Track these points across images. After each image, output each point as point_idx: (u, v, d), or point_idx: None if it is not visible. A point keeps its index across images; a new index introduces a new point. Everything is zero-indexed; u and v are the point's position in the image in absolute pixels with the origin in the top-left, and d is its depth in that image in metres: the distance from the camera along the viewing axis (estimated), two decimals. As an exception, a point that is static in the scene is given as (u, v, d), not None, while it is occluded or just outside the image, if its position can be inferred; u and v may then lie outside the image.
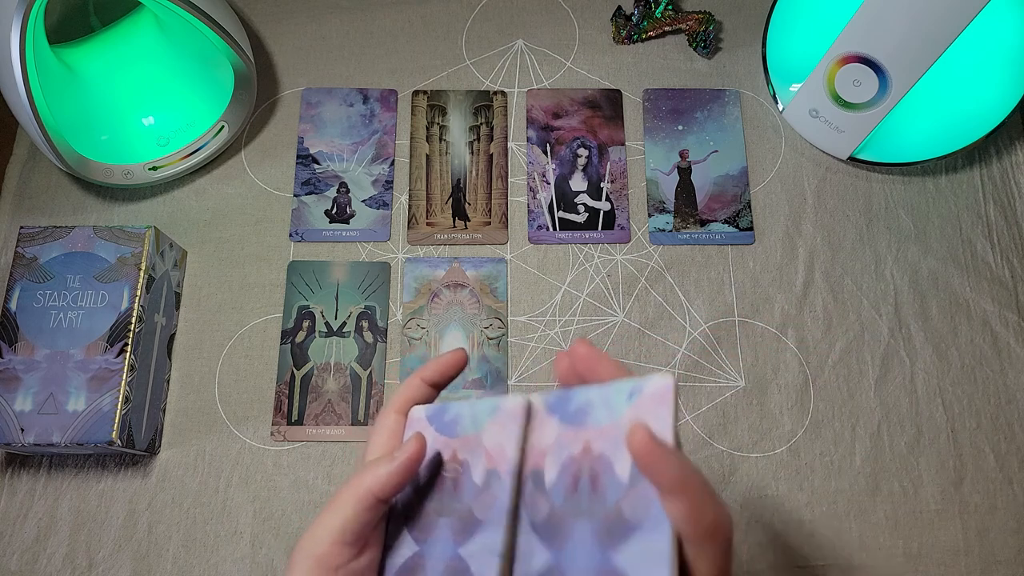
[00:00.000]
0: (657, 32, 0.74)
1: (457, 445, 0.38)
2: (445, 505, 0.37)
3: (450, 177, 0.70)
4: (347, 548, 0.35)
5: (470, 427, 0.38)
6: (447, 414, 0.39)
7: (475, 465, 0.37)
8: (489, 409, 0.37)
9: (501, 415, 0.37)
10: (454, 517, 0.36)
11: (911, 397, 0.63)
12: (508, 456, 0.36)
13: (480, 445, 0.37)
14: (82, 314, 0.57)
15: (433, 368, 0.41)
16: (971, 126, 0.65)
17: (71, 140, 0.61)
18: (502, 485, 0.35)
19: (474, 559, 0.35)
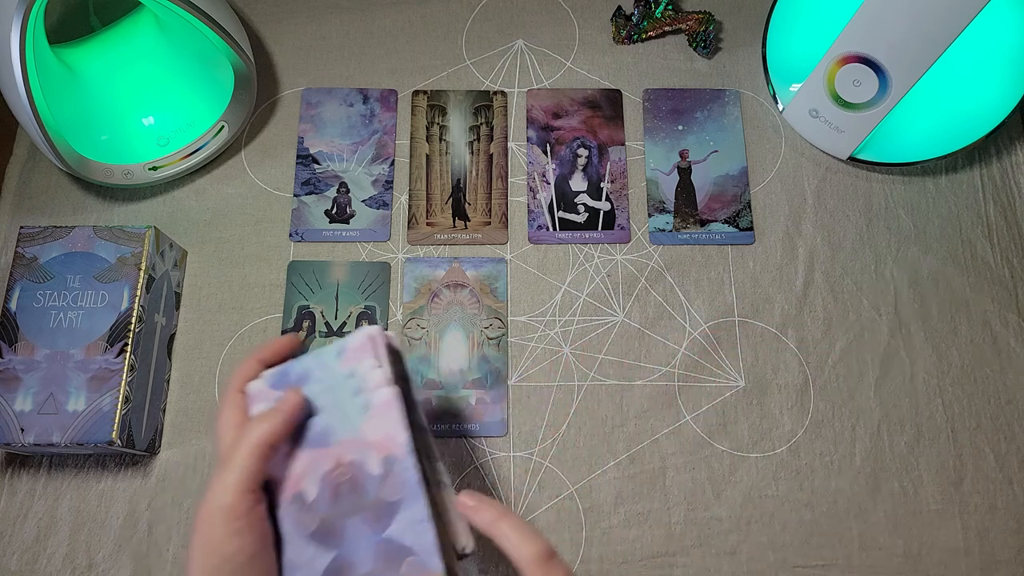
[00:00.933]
0: (657, 32, 0.74)
1: (338, 451, 0.42)
2: (348, 507, 0.41)
3: (450, 177, 0.70)
4: (250, 496, 0.39)
5: (343, 430, 0.42)
6: (291, 374, 0.44)
7: (367, 460, 0.41)
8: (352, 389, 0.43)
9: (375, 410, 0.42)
10: (364, 512, 0.41)
11: (911, 397, 0.63)
12: (399, 440, 0.41)
13: (365, 442, 0.42)
14: (82, 314, 0.57)
15: (269, 349, 0.47)
16: (971, 126, 0.65)
17: (71, 140, 0.61)
18: (404, 465, 0.41)
19: (405, 535, 0.40)
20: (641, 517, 0.59)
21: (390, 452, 0.41)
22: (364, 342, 0.43)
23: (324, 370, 0.44)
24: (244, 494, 0.39)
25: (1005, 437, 0.62)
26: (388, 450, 0.41)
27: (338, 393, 0.43)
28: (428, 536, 0.39)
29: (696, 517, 0.59)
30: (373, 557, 0.40)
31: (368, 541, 0.40)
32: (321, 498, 0.41)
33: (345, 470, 0.41)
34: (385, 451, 0.41)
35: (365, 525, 0.40)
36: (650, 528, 0.59)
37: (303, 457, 0.42)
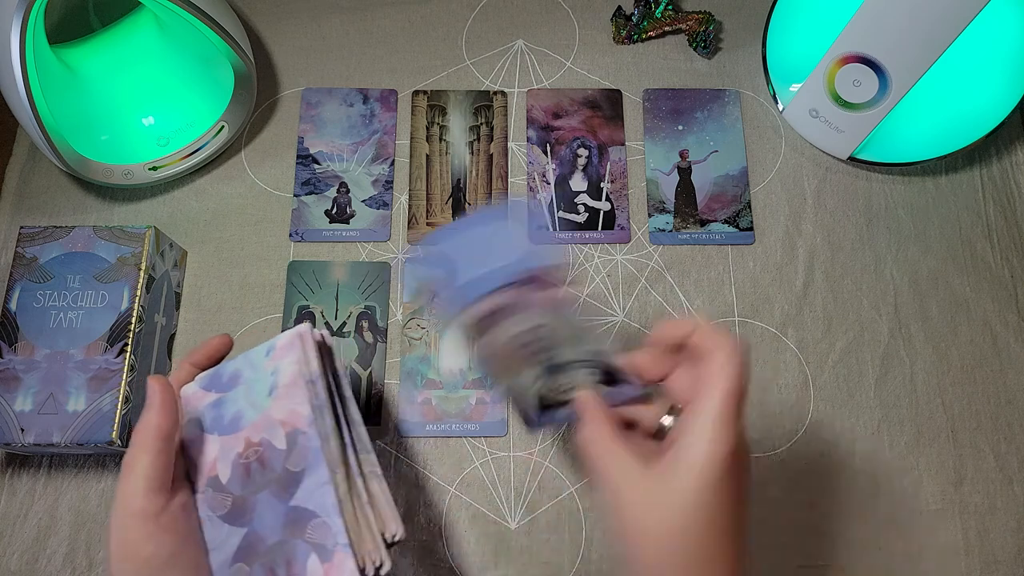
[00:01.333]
0: (657, 32, 0.74)
1: (248, 433, 0.43)
2: (258, 484, 0.42)
3: (450, 177, 0.70)
4: (157, 495, 0.39)
5: (252, 413, 0.44)
6: (223, 375, 0.46)
7: (275, 437, 0.43)
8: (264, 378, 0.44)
9: (281, 390, 0.43)
10: (272, 485, 0.42)
11: (911, 397, 0.63)
12: (303, 414, 0.43)
13: (272, 420, 0.43)
14: (82, 314, 0.57)
15: (201, 352, 0.48)
16: (971, 126, 0.65)
17: (71, 140, 0.61)
18: (308, 436, 0.42)
19: (309, 499, 0.41)
20: (641, 517, 0.59)
21: (295, 426, 0.42)
22: (292, 340, 0.45)
23: (253, 369, 0.45)
24: (149, 495, 0.39)
25: (1005, 437, 0.62)
26: (293, 425, 0.43)
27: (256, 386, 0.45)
28: (329, 497, 0.41)
29: (696, 517, 0.59)
30: (281, 526, 0.41)
31: (276, 512, 0.41)
32: (233, 479, 0.42)
33: (255, 449, 0.43)
34: (290, 426, 0.43)
35: (273, 498, 0.42)
36: (650, 528, 0.59)
37: (217, 444, 0.44)
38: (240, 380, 0.45)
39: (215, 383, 0.46)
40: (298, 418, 0.43)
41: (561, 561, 0.58)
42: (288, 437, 0.43)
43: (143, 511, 0.38)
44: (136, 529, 0.38)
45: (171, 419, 0.41)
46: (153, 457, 0.39)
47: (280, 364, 0.44)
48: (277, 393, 0.44)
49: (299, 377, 0.43)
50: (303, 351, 0.44)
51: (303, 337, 0.45)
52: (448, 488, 0.60)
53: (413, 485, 0.60)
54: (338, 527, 0.40)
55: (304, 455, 0.42)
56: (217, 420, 0.44)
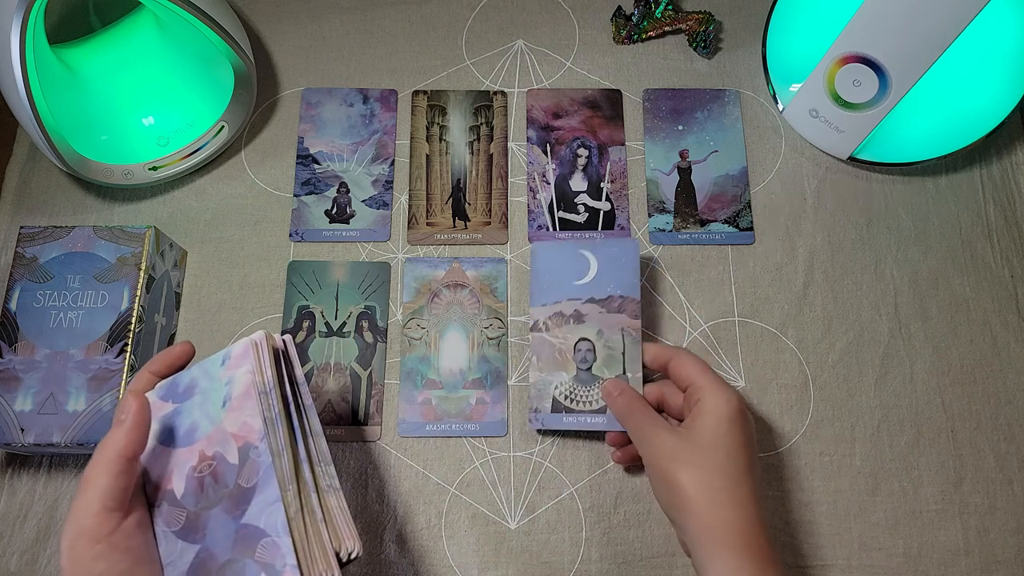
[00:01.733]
0: (657, 32, 0.74)
1: (202, 446, 0.43)
2: (211, 499, 0.42)
3: (450, 177, 0.70)
4: (112, 515, 0.38)
5: (206, 425, 0.43)
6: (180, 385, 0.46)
7: (228, 451, 0.42)
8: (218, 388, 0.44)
9: (235, 401, 0.43)
10: (224, 501, 0.41)
11: (911, 397, 0.63)
12: (255, 427, 0.42)
13: (225, 433, 0.42)
14: (82, 314, 0.57)
15: (161, 361, 0.47)
16: (971, 126, 0.65)
17: (71, 140, 0.61)
18: (259, 450, 0.41)
19: (260, 517, 0.40)
20: (641, 517, 0.59)
21: (247, 440, 0.42)
22: (247, 348, 0.44)
23: (208, 379, 0.44)
24: (103, 514, 0.38)
25: (1005, 437, 0.62)
26: (245, 438, 0.42)
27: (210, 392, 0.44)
28: (279, 516, 0.40)
29: (696, 517, 0.59)
30: (232, 544, 0.40)
31: (227, 529, 0.41)
32: (187, 494, 0.42)
33: (208, 463, 0.42)
34: (242, 440, 0.42)
35: (225, 514, 0.41)
36: (650, 528, 0.59)
37: (172, 457, 0.43)
38: (196, 390, 0.44)
39: (172, 393, 0.45)
40: (250, 431, 0.42)
41: (561, 561, 0.58)
42: (240, 451, 0.42)
43: (96, 530, 0.38)
44: (88, 548, 0.37)
45: (140, 440, 0.41)
46: (113, 478, 0.39)
47: (235, 374, 0.43)
48: (231, 404, 0.43)
49: (252, 388, 0.42)
50: (257, 360, 0.43)
51: (258, 346, 0.44)
52: (448, 488, 0.60)
53: (413, 485, 0.60)
54: (287, 547, 0.39)
55: (256, 470, 0.41)
56: (173, 432, 0.44)
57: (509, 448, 0.61)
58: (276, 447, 0.41)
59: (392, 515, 0.59)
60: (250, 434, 0.42)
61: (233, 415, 0.42)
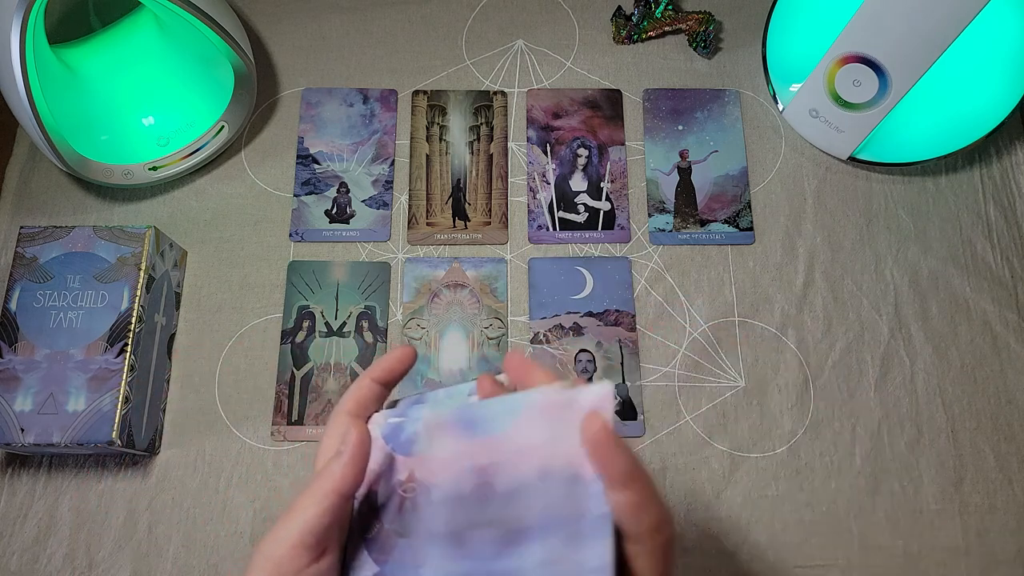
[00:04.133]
0: (657, 32, 0.74)
1: (414, 464, 0.37)
2: (405, 526, 0.36)
3: (450, 177, 0.70)
4: (307, 552, 0.35)
5: (425, 447, 0.37)
6: (403, 433, 0.38)
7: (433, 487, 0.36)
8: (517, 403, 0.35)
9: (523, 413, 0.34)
10: (413, 538, 0.36)
11: (911, 397, 0.63)
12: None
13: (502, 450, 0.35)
14: (82, 314, 0.57)
15: (382, 367, 0.41)
16: (971, 126, 0.65)
17: (71, 140, 0.61)
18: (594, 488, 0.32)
19: None
20: (641, 517, 0.59)
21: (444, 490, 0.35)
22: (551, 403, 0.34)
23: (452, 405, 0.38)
24: (300, 549, 0.35)
25: (1005, 437, 0.62)
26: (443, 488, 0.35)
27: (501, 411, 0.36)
28: None
29: (696, 517, 0.59)
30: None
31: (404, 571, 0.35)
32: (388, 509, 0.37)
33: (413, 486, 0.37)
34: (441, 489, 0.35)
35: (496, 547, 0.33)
36: (650, 528, 0.59)
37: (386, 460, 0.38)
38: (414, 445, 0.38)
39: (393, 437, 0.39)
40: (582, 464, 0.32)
41: (561, 561, 0.58)
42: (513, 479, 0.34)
43: (283, 562, 0.35)
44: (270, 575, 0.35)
45: (358, 477, 0.36)
46: (321, 511, 0.35)
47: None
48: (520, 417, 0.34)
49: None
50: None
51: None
52: (448, 488, 0.60)
53: (413, 485, 0.60)
54: None
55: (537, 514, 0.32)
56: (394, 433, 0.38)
57: (509, 448, 0.61)
58: None
59: (392, 515, 0.59)
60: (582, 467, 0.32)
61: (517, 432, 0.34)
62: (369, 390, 0.40)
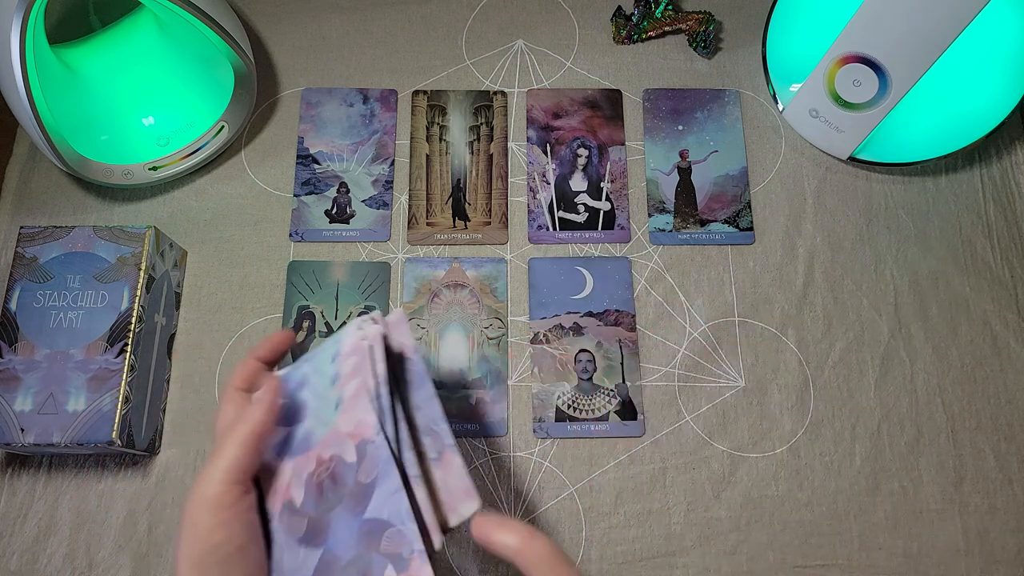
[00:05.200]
0: (657, 32, 0.74)
1: (318, 451, 0.42)
2: (331, 501, 0.41)
3: (450, 177, 0.70)
4: (236, 487, 0.40)
5: (321, 430, 0.42)
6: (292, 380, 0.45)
7: (345, 451, 0.41)
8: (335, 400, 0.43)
9: (347, 403, 0.42)
10: (345, 500, 0.41)
11: (911, 397, 0.63)
12: (370, 423, 0.41)
13: (340, 434, 0.42)
14: (82, 314, 0.57)
15: (265, 347, 0.47)
16: (971, 126, 0.65)
17: (71, 140, 0.61)
18: (375, 444, 0.40)
19: (381, 510, 0.39)
20: (641, 517, 0.59)
21: (363, 436, 0.41)
22: (356, 346, 0.43)
23: (318, 375, 0.44)
24: (231, 485, 0.39)
25: (1005, 437, 0.62)
26: (361, 435, 0.41)
27: (323, 396, 0.44)
28: (403, 503, 0.39)
29: (696, 517, 0.59)
30: (356, 542, 0.40)
31: (350, 528, 0.40)
32: (307, 500, 0.42)
33: (326, 467, 0.42)
34: (358, 437, 0.41)
35: (347, 512, 0.40)
36: (650, 528, 0.59)
37: (290, 466, 0.43)
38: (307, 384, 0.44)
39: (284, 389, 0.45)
40: (365, 427, 0.41)
41: (561, 561, 0.58)
42: (358, 449, 0.41)
43: (219, 497, 0.39)
44: (210, 515, 0.39)
45: (272, 420, 0.42)
46: (243, 451, 0.40)
47: (341, 369, 0.43)
48: (343, 407, 0.42)
49: (362, 387, 0.42)
50: (367, 358, 0.42)
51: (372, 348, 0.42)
52: (448, 488, 0.60)
53: (413, 485, 0.60)
54: (412, 533, 0.38)
55: (375, 464, 0.40)
56: (287, 442, 0.44)
57: (509, 448, 0.61)
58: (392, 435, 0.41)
59: (392, 515, 0.59)
60: (365, 430, 0.41)
61: (347, 416, 0.42)
62: (253, 367, 0.46)
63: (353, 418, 0.42)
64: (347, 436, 0.42)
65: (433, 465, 0.42)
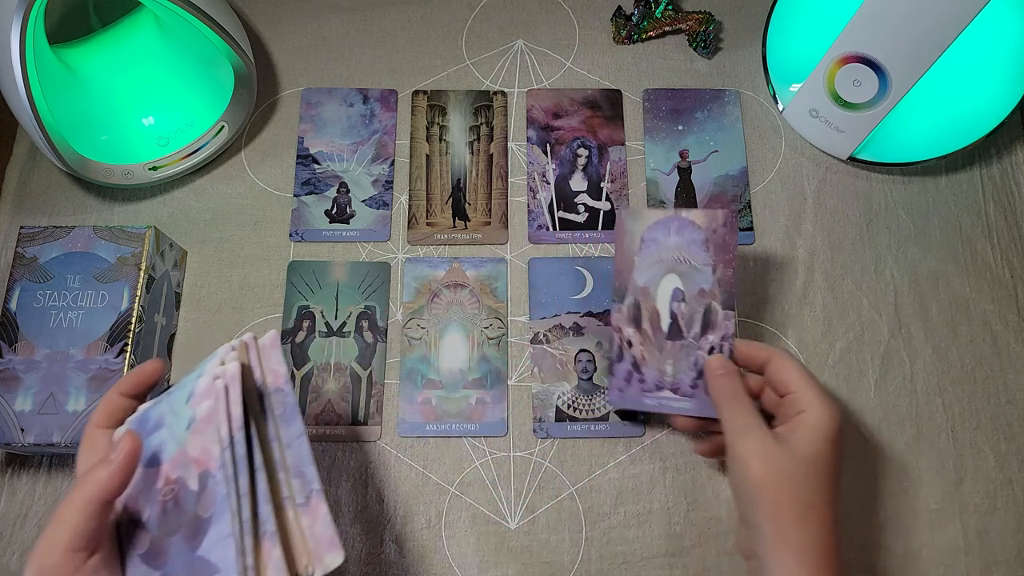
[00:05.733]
0: (657, 32, 0.74)
1: (167, 468, 0.41)
2: (172, 525, 0.40)
3: (450, 177, 0.70)
4: (77, 554, 0.37)
5: (173, 447, 0.41)
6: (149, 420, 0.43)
7: (188, 477, 0.40)
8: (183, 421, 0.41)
9: (197, 423, 0.40)
10: (183, 529, 0.39)
11: (911, 397, 0.63)
12: (214, 454, 0.39)
13: (187, 457, 0.40)
14: (82, 314, 0.57)
15: (129, 381, 0.45)
16: (971, 126, 0.65)
17: (71, 140, 0.61)
18: (216, 479, 0.39)
19: (212, 552, 0.38)
20: (641, 517, 0.59)
21: (206, 467, 0.39)
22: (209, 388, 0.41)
23: (174, 415, 0.42)
24: (70, 553, 0.37)
25: (1005, 437, 0.62)
26: (204, 465, 0.40)
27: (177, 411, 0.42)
28: (229, 552, 0.38)
29: (696, 517, 0.59)
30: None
31: (185, 559, 0.39)
32: (152, 517, 0.40)
33: (171, 487, 0.40)
34: (202, 466, 0.40)
35: (184, 543, 0.39)
36: (650, 528, 0.59)
37: (144, 476, 0.42)
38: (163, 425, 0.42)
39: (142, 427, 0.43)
40: (210, 458, 0.39)
41: (561, 561, 0.58)
42: (200, 477, 0.39)
43: (56, 569, 0.37)
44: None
45: (124, 484, 0.39)
46: (86, 519, 0.37)
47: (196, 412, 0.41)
48: (194, 427, 0.40)
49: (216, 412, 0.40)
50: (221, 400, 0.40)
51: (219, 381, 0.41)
52: (448, 488, 0.60)
53: (413, 485, 0.60)
54: None
55: (213, 500, 0.39)
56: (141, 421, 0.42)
57: (509, 448, 0.61)
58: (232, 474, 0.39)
59: (392, 515, 0.59)
60: (210, 461, 0.39)
61: (196, 438, 0.40)
62: (118, 403, 0.44)
63: (200, 443, 0.40)
64: (192, 462, 0.40)
65: (300, 511, 0.41)
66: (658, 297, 0.56)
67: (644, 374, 0.56)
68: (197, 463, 0.40)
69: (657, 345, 0.56)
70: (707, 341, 0.55)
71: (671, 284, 0.55)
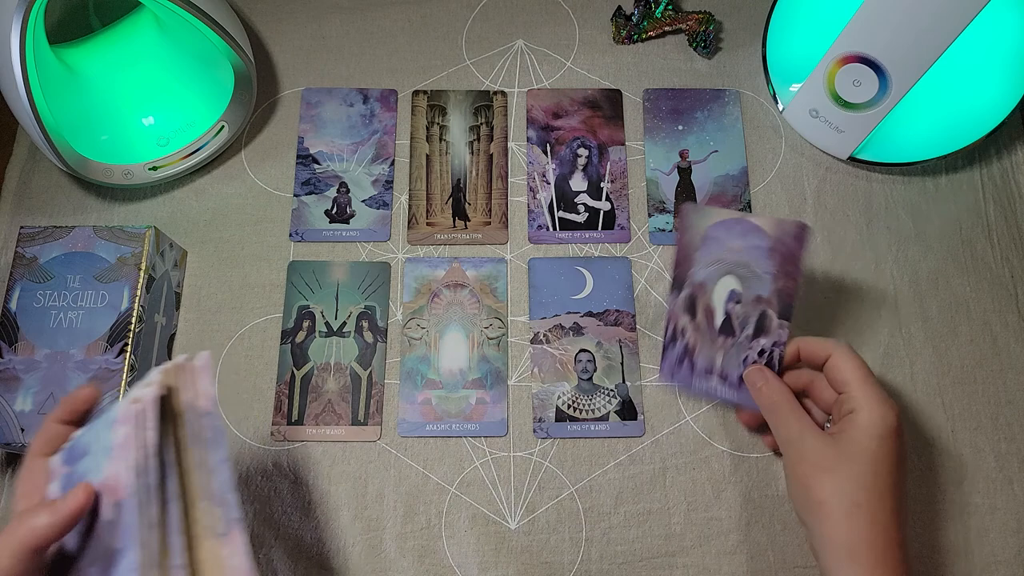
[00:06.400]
0: (657, 32, 0.74)
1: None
2: (91, 555, 0.39)
3: (450, 177, 0.70)
4: None
5: (97, 475, 0.40)
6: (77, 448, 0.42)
7: (105, 508, 0.39)
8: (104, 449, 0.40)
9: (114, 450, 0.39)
10: (99, 561, 0.39)
11: (911, 397, 0.63)
12: (124, 481, 0.38)
13: (105, 486, 0.39)
14: (82, 314, 0.57)
15: (65, 408, 0.44)
16: (971, 126, 0.65)
17: (71, 140, 0.61)
18: (127, 508, 0.38)
19: None
20: (641, 517, 0.59)
21: (119, 496, 0.38)
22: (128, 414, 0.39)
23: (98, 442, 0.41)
24: None
25: (1005, 437, 0.62)
26: (118, 494, 0.38)
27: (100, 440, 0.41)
28: None
29: (696, 517, 0.59)
30: None
31: None
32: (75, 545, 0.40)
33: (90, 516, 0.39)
34: (116, 495, 0.38)
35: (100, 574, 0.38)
36: (650, 528, 0.59)
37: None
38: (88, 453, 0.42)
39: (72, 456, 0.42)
40: (123, 486, 0.38)
41: (561, 561, 0.58)
42: (114, 507, 0.38)
43: None
44: None
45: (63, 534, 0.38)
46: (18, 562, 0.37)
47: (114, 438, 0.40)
48: (112, 454, 0.39)
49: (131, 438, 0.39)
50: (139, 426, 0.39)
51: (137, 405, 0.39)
52: (448, 488, 0.60)
53: (413, 485, 0.60)
54: None
55: (123, 532, 0.38)
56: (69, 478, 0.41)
57: (509, 448, 0.61)
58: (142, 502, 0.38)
59: (392, 515, 0.59)
60: (123, 489, 0.38)
61: (112, 465, 0.39)
62: (54, 431, 0.44)
63: (114, 470, 0.39)
64: (108, 490, 0.39)
65: (220, 541, 0.39)
66: (714, 295, 0.56)
67: (695, 360, 0.57)
68: (112, 491, 0.39)
69: (710, 338, 0.56)
70: (759, 343, 0.55)
71: (728, 285, 0.55)
